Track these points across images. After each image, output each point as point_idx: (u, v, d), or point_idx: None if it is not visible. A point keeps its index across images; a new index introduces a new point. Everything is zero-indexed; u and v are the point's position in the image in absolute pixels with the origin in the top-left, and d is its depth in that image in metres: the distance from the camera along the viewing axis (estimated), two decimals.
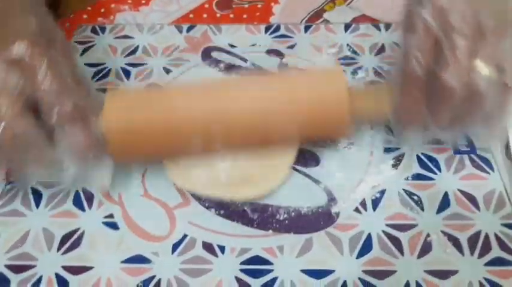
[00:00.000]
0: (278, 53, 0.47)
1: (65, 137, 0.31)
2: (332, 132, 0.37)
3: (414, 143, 0.37)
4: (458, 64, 0.30)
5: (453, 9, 0.31)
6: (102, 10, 0.53)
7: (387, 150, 0.39)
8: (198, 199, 0.36)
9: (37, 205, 0.36)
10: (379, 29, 0.48)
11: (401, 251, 0.33)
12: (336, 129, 0.36)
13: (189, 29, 0.50)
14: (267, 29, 0.49)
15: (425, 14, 0.31)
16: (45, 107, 0.31)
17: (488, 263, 0.32)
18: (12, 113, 0.30)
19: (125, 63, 0.46)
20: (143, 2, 0.54)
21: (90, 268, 0.33)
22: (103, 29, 0.50)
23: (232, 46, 0.48)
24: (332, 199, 0.36)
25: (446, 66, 0.30)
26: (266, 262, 0.33)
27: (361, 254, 0.33)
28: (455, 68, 0.30)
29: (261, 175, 0.36)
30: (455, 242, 0.33)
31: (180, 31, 0.49)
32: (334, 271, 0.32)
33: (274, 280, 0.32)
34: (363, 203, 0.36)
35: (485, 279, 0.31)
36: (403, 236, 0.34)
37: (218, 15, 0.52)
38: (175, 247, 0.34)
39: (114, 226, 0.35)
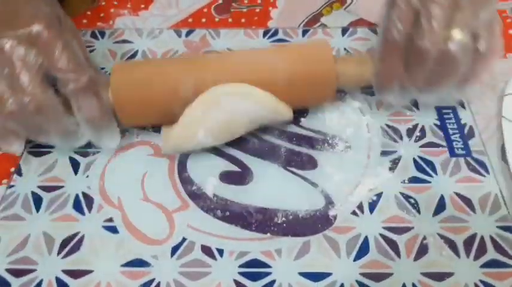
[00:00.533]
0: None
1: (80, 108, 0.35)
2: (319, 95, 0.40)
3: (394, 102, 0.40)
4: (434, 31, 0.34)
5: None
6: (102, 15, 0.53)
7: (384, 153, 0.39)
8: (197, 202, 0.37)
9: (37, 209, 0.37)
10: (376, 33, 0.49)
11: (398, 254, 0.33)
12: (323, 93, 0.39)
13: (188, 34, 0.50)
14: (265, 34, 0.50)
15: None
16: (62, 81, 0.35)
17: (483, 266, 0.32)
18: (33, 86, 0.33)
19: None
20: (142, 6, 0.54)
21: (90, 271, 0.33)
22: (102, 34, 0.50)
23: (230, 50, 0.48)
24: (329, 202, 0.36)
25: (423, 33, 0.34)
26: (264, 265, 0.33)
27: (358, 257, 0.33)
28: (431, 35, 0.34)
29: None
30: (451, 245, 0.34)
31: (179, 35, 0.50)
32: (331, 273, 0.33)
33: (272, 283, 0.32)
34: (360, 206, 0.36)
35: (481, 281, 0.32)
36: (400, 239, 0.34)
37: (217, 19, 0.52)
38: (174, 250, 0.34)
39: (113, 229, 0.35)
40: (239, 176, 0.38)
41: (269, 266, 0.33)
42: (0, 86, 0.33)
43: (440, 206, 0.36)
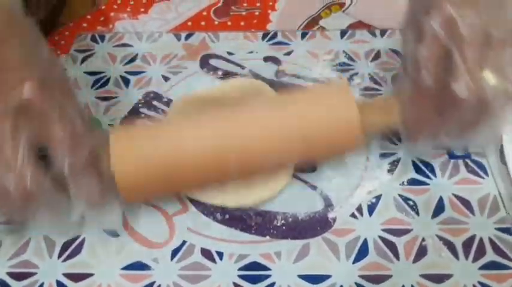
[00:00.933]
0: (275, 60, 0.47)
1: (77, 188, 0.30)
2: (344, 149, 0.37)
3: (423, 152, 0.38)
4: (468, 74, 0.30)
5: (462, 18, 0.30)
6: (102, 18, 0.53)
7: (383, 155, 0.39)
8: (197, 205, 0.37)
9: None
10: (375, 35, 0.49)
11: (397, 256, 0.33)
12: (349, 146, 0.36)
13: (187, 37, 0.50)
14: (264, 36, 0.50)
15: (434, 24, 0.31)
16: (57, 158, 0.29)
17: (482, 267, 0.33)
18: (25, 165, 0.28)
19: (124, 72, 0.47)
20: (142, 10, 0.54)
21: (91, 274, 0.34)
22: (102, 38, 0.51)
23: (230, 53, 0.48)
24: (329, 205, 0.36)
25: (456, 76, 0.30)
26: (264, 267, 0.33)
27: (357, 259, 0.33)
28: (465, 78, 0.30)
29: (262, 183, 0.36)
30: (450, 247, 0.34)
31: (179, 39, 0.50)
32: (331, 276, 0.33)
33: (271, 285, 0.33)
34: (359, 209, 0.36)
35: (480, 283, 0.32)
36: (399, 241, 0.34)
37: (216, 22, 0.52)
38: (174, 253, 0.34)
39: (114, 233, 0.36)
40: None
41: (269, 269, 0.33)
42: None
43: (439, 208, 0.36)
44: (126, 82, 0.46)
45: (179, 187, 0.36)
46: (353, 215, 0.36)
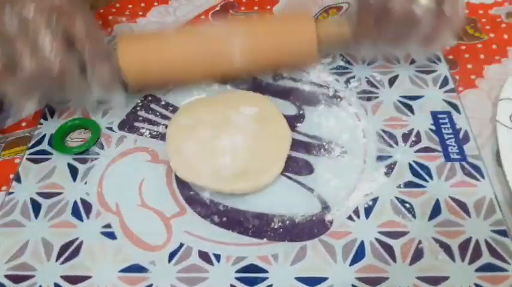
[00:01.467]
0: None
1: (93, 71, 0.39)
2: (302, 56, 0.44)
3: (367, 56, 0.46)
4: None
5: None
6: (100, 22, 0.54)
7: (380, 158, 0.39)
8: (194, 208, 0.37)
9: (36, 216, 0.37)
10: None
11: (394, 258, 0.34)
12: (307, 54, 0.44)
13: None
14: None
15: None
16: (79, 47, 0.38)
17: (478, 269, 0.33)
18: (56, 51, 0.36)
19: None
20: (140, 13, 0.54)
21: (89, 277, 0.34)
22: None
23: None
24: (326, 207, 0.37)
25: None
26: (261, 270, 0.34)
27: (354, 261, 0.34)
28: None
29: (259, 168, 0.37)
30: (447, 249, 0.34)
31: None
32: (327, 278, 0.33)
33: None
34: (356, 211, 0.36)
35: (476, 285, 0.32)
36: (396, 244, 0.34)
37: None
38: (171, 256, 0.34)
39: (111, 235, 0.36)
40: None
41: (266, 271, 0.33)
42: (22, 48, 0.36)
43: (436, 211, 0.36)
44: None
45: (176, 75, 0.44)
46: (350, 218, 0.36)
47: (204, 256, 0.34)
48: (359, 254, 0.34)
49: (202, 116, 0.40)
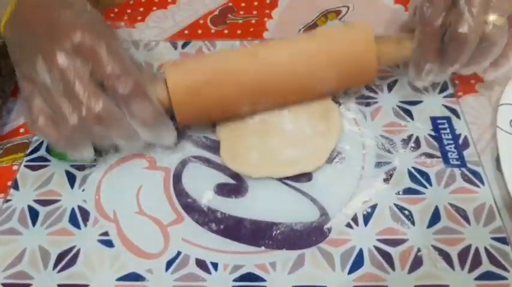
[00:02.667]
0: None
1: (132, 113, 0.35)
2: (361, 77, 0.41)
3: (427, 82, 0.41)
4: (472, 17, 0.35)
5: None
6: None
7: (378, 164, 0.39)
8: (192, 216, 0.37)
9: (33, 223, 0.37)
10: None
11: (393, 267, 0.33)
12: (366, 74, 0.41)
13: (184, 45, 0.50)
14: None
15: None
16: (110, 85, 0.34)
17: (478, 278, 0.32)
18: (89, 94, 0.34)
19: None
20: (139, 18, 0.54)
21: (86, 286, 0.34)
22: None
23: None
24: (324, 214, 0.36)
25: (461, 19, 0.36)
26: (259, 278, 0.33)
27: (352, 269, 0.33)
28: (469, 21, 0.35)
29: (305, 158, 0.39)
30: (446, 257, 0.34)
31: (175, 47, 0.50)
32: None
33: None
34: (355, 218, 0.36)
35: None
36: (394, 251, 0.34)
37: (213, 31, 0.52)
38: (169, 264, 0.34)
39: (109, 243, 0.36)
40: (234, 189, 0.38)
41: (264, 280, 0.33)
42: (61, 101, 0.34)
43: (435, 218, 0.36)
44: None
45: (227, 111, 0.40)
46: (348, 225, 0.36)
47: (201, 264, 0.34)
48: (357, 262, 0.34)
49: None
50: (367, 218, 0.36)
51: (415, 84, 0.42)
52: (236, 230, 0.36)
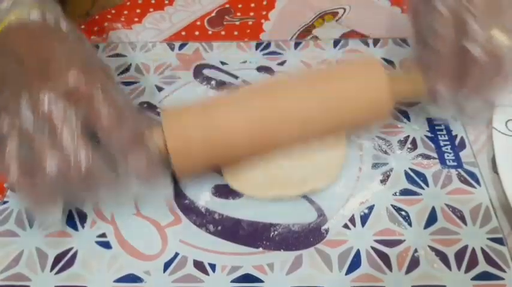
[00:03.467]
0: (268, 70, 0.47)
1: (126, 164, 0.32)
2: (376, 118, 0.39)
3: (448, 114, 0.40)
4: (480, 35, 0.33)
5: None
6: (96, 28, 0.53)
7: (375, 165, 0.39)
8: (190, 217, 0.37)
9: (30, 225, 0.37)
10: (368, 45, 0.49)
11: (390, 267, 0.33)
12: (380, 115, 0.38)
13: (181, 47, 0.50)
14: (257, 46, 0.50)
15: None
16: (104, 135, 0.31)
17: (475, 278, 0.33)
18: (77, 146, 0.30)
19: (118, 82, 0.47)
20: (136, 20, 0.54)
21: None
22: (96, 47, 0.51)
23: (223, 63, 0.48)
24: (321, 215, 0.36)
25: (471, 38, 0.34)
26: (257, 279, 0.33)
27: (350, 270, 0.33)
28: (477, 39, 0.33)
29: (315, 175, 0.38)
30: (443, 257, 0.34)
31: (172, 49, 0.50)
32: None
33: None
34: (352, 219, 0.36)
35: None
36: (391, 252, 0.34)
37: (210, 32, 0.52)
38: (166, 265, 0.34)
39: (106, 245, 0.36)
40: (232, 191, 0.38)
41: (261, 281, 0.33)
42: (41, 146, 0.30)
43: (432, 219, 0.36)
44: None
45: (229, 160, 0.37)
46: (346, 226, 0.36)
47: (199, 265, 0.34)
48: (355, 263, 0.34)
49: None
50: (364, 219, 0.36)
51: (439, 117, 0.41)
52: (234, 231, 0.36)
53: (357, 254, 0.34)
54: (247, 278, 0.33)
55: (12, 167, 0.30)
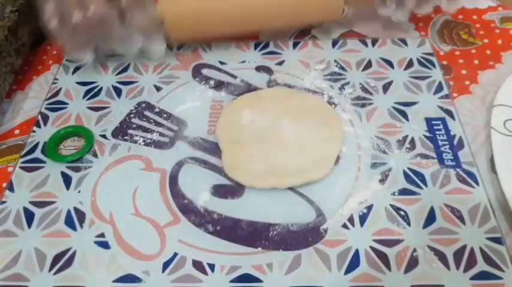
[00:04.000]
0: (267, 70, 0.47)
1: (132, 19, 0.42)
2: (326, 10, 0.47)
3: (393, 17, 0.48)
4: None
5: None
6: None
7: (374, 165, 0.39)
8: (188, 217, 0.37)
9: (29, 225, 0.37)
10: (366, 45, 0.49)
11: (389, 267, 0.33)
12: (331, 10, 0.47)
13: (179, 47, 0.50)
14: (256, 46, 0.50)
15: None
16: None
17: (473, 277, 0.33)
18: (98, 3, 0.41)
19: (116, 82, 0.47)
20: None
21: None
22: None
23: (222, 63, 0.48)
24: (320, 215, 0.36)
25: None
26: (255, 279, 0.33)
27: (349, 270, 0.33)
28: None
29: (312, 166, 0.38)
30: (441, 257, 0.34)
31: (171, 48, 0.50)
32: None
33: None
34: (351, 219, 0.36)
35: None
36: (390, 252, 0.34)
37: None
38: (165, 265, 0.34)
39: (105, 245, 0.36)
40: (230, 190, 0.38)
41: (260, 281, 0.33)
42: (70, 2, 0.41)
43: (430, 218, 0.36)
44: (118, 92, 0.46)
45: (214, 29, 0.47)
46: (344, 226, 0.36)
47: (198, 265, 0.34)
48: (354, 263, 0.34)
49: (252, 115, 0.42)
50: (363, 218, 0.36)
51: (381, 14, 0.47)
52: (233, 231, 0.36)
53: (356, 254, 0.34)
54: (246, 278, 0.33)
55: (52, 22, 0.42)
